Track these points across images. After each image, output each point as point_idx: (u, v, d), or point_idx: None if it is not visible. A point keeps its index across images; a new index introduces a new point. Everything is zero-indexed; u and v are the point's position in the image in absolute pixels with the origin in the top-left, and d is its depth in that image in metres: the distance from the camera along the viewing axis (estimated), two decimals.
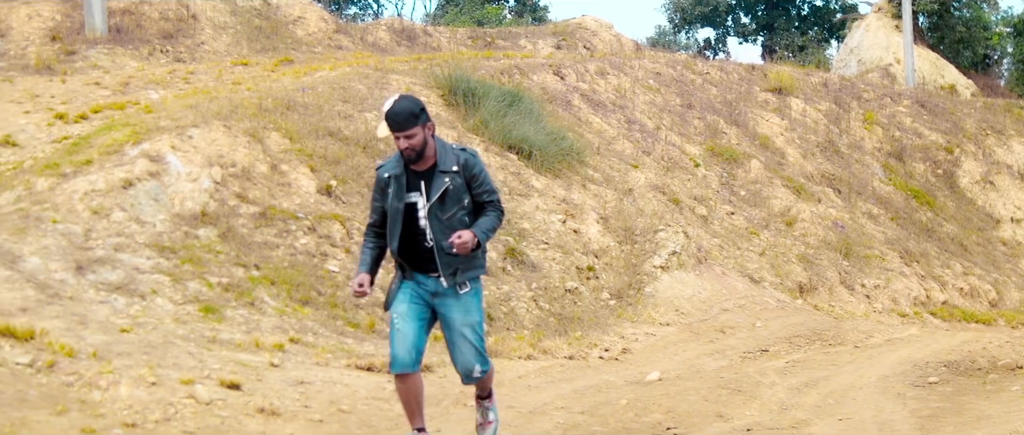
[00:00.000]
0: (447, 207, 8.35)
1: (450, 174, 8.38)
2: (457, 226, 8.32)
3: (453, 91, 20.43)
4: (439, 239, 8.32)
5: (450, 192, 8.36)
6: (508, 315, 15.00)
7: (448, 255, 8.29)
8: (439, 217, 8.33)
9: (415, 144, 8.25)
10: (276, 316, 12.52)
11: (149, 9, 27.10)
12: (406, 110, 8.25)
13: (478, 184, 8.47)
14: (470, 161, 8.48)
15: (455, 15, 52.49)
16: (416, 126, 8.25)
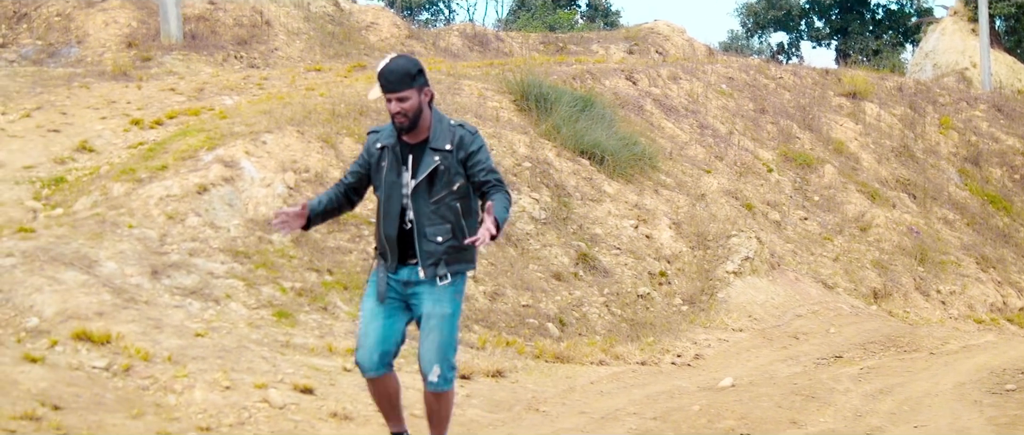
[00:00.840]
0: (436, 189, 7.55)
1: (442, 152, 7.56)
2: (445, 213, 7.56)
3: (525, 96, 20.43)
4: (422, 224, 7.54)
5: (440, 172, 7.55)
6: (580, 321, 14.97)
7: (430, 242, 7.53)
8: (425, 200, 7.54)
9: (407, 108, 7.48)
10: (349, 321, 12.56)
11: (224, 15, 27.29)
12: (401, 68, 7.50)
13: (476, 165, 7.59)
14: (467, 138, 7.65)
15: (527, 20, 52.52)
16: (411, 88, 7.50)
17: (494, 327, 13.72)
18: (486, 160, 7.64)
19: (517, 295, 14.65)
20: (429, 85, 7.64)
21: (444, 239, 7.58)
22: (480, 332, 13.44)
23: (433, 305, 7.60)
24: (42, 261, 11.58)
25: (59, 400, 8.90)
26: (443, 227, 7.59)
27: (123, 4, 26.60)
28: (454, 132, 7.65)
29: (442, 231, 7.59)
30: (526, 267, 15.53)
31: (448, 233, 7.59)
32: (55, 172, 15.56)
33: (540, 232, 16.52)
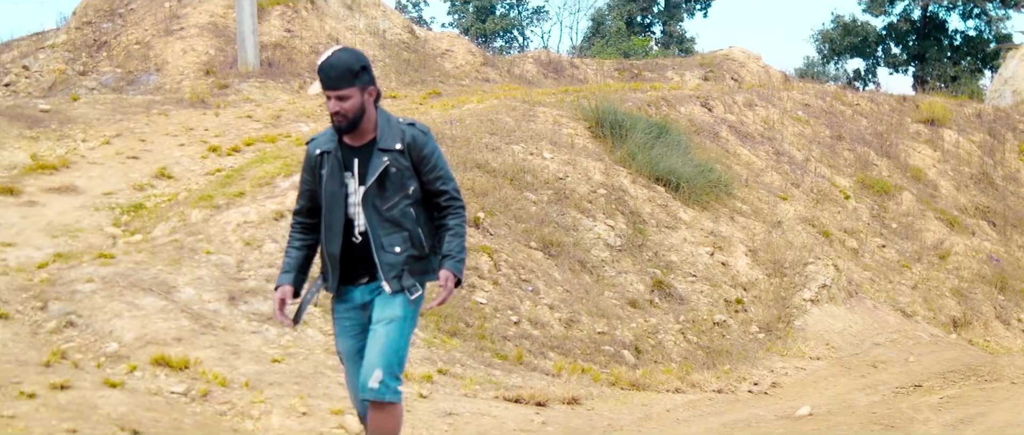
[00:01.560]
0: (388, 195, 6.90)
1: (392, 153, 6.90)
2: (399, 219, 6.90)
3: (600, 123, 20.42)
4: (378, 235, 6.89)
5: (392, 176, 6.90)
6: (656, 348, 14.90)
7: (388, 254, 6.88)
8: (377, 207, 6.89)
9: (347, 109, 6.80)
10: (424, 347, 12.56)
11: (300, 43, 27.50)
12: (342, 64, 6.79)
13: (432, 170, 6.99)
14: (418, 139, 6.97)
15: (601, 47, 52.59)
16: (351, 86, 6.80)
17: (569, 354, 13.68)
18: (443, 165, 7.08)
19: (593, 322, 14.61)
20: (375, 83, 6.95)
21: (402, 249, 6.93)
22: (556, 359, 13.41)
23: (382, 309, 6.92)
24: (121, 287, 11.67)
25: (138, 425, 8.95)
26: (399, 235, 6.93)
27: (201, 32, 26.88)
28: (404, 131, 6.97)
29: (399, 240, 6.93)
30: (601, 294, 15.49)
31: (405, 242, 6.95)
32: (134, 199, 15.71)
33: (615, 259, 16.47)
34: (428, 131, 7.08)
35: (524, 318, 13.98)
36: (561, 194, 17.34)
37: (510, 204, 16.46)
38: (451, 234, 7.03)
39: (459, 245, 7.02)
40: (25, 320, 11.05)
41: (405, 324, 6.93)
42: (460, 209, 7.10)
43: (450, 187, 7.07)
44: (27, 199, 15.28)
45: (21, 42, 29.24)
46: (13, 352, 10.25)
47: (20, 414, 8.67)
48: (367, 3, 31.22)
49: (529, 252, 15.58)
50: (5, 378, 9.43)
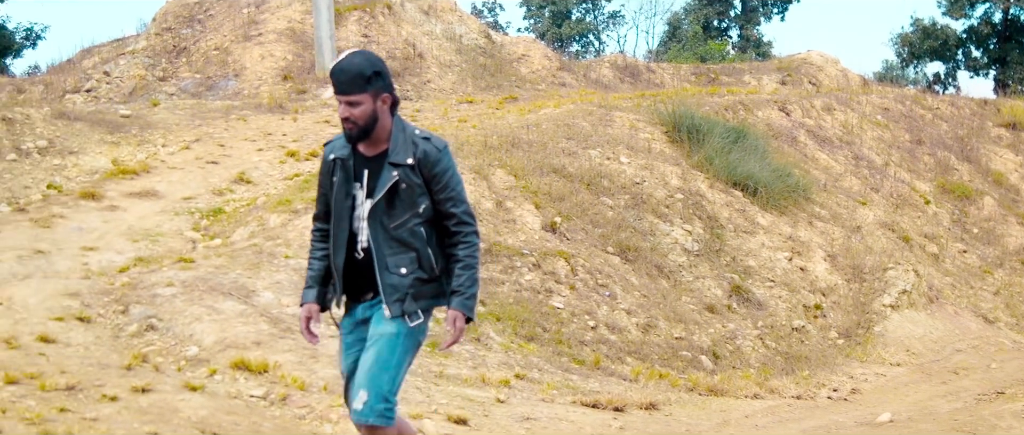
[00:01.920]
0: (396, 212, 6.39)
1: (402, 168, 6.38)
2: (408, 239, 6.40)
3: (677, 128, 20.36)
4: (382, 252, 6.39)
5: (401, 192, 6.39)
6: (734, 353, 14.82)
7: (393, 275, 6.37)
8: (384, 223, 6.40)
9: (357, 115, 6.33)
10: (502, 352, 12.56)
11: (377, 48, 27.59)
12: (354, 68, 6.32)
13: (443, 190, 6.45)
14: (431, 154, 6.42)
15: (678, 51, 52.41)
16: (363, 92, 6.33)
17: (647, 359, 13.64)
18: (455, 185, 6.51)
19: (670, 327, 14.55)
20: (390, 91, 6.43)
21: (408, 271, 6.40)
22: (633, 364, 13.37)
23: (376, 326, 6.42)
24: (201, 291, 11.75)
25: (218, 428, 9.00)
26: (406, 256, 6.41)
27: (279, 38, 27.06)
28: (417, 145, 6.43)
29: (405, 261, 6.40)
30: (679, 299, 15.43)
31: (413, 263, 6.42)
32: (213, 203, 15.82)
33: (693, 264, 16.40)
34: (444, 147, 6.52)
35: (601, 323, 13.95)
36: (638, 199, 17.29)
37: (587, 209, 16.44)
38: (461, 266, 6.47)
39: (469, 278, 6.47)
40: (107, 323, 11.16)
41: (397, 341, 6.35)
42: (471, 236, 6.53)
43: (460, 210, 6.50)
44: (108, 204, 15.43)
45: (102, 48, 29.58)
46: (95, 355, 10.35)
47: (102, 417, 8.74)
48: (443, 8, 31.29)
49: (606, 257, 15.55)
50: (88, 381, 9.51)
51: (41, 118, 19.13)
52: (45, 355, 10.12)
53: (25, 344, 10.29)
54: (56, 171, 17.07)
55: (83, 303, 11.53)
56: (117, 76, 25.76)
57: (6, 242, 13.31)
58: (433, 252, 6.49)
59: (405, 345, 6.39)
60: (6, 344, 10.14)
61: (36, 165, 17.27)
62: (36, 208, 15.06)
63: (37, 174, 16.84)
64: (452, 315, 6.41)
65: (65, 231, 14.19)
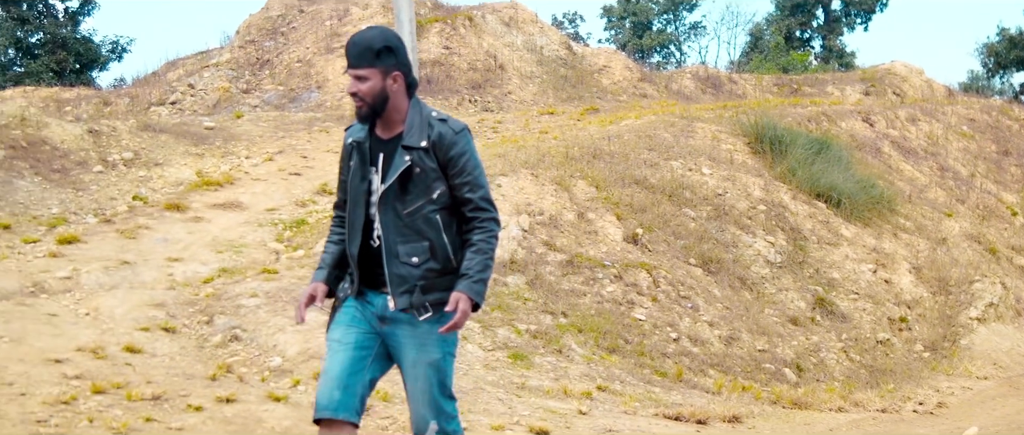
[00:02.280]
0: (410, 197, 5.97)
1: (416, 151, 5.98)
2: (421, 226, 5.97)
3: (759, 139, 20.26)
4: (392, 240, 5.98)
5: (416, 176, 5.97)
6: (818, 366, 14.70)
7: (404, 265, 5.94)
8: (397, 210, 5.99)
9: (364, 91, 5.95)
10: (584, 363, 12.53)
11: (458, 60, 27.68)
12: (364, 41, 5.97)
13: (459, 174, 6.02)
14: (447, 137, 6.02)
15: (760, 62, 52.18)
16: (371, 67, 5.95)
17: (730, 372, 13.56)
18: (472, 170, 6.06)
19: (753, 339, 14.46)
20: (402, 70, 6.03)
21: (420, 260, 5.97)
22: (716, 376, 13.30)
23: (418, 352, 6.00)
24: (285, 302, 11.82)
25: None
26: (419, 245, 5.99)
27: None
28: (433, 126, 6.03)
29: (418, 250, 5.98)
30: (762, 311, 15.33)
31: (425, 253, 5.99)
32: (296, 214, 15.91)
33: (776, 276, 16.30)
34: (463, 129, 6.10)
35: (684, 335, 13.89)
36: (720, 210, 17.22)
37: (669, 220, 16.38)
38: (473, 251, 5.99)
39: (481, 263, 5.98)
40: (192, 334, 11.25)
41: (446, 363, 6.02)
42: (488, 222, 6.06)
43: (477, 196, 6.03)
44: (193, 215, 15.56)
45: (186, 61, 29.89)
46: (181, 365, 10.44)
47: (187, 426, 8.81)
48: (524, 20, 31.33)
49: (688, 269, 15.48)
50: (173, 391, 9.59)
51: (127, 130, 19.34)
52: (131, 365, 10.22)
53: (112, 354, 10.39)
54: (142, 183, 17.24)
55: (168, 314, 11.63)
56: (201, 88, 26.01)
57: (93, 253, 13.46)
58: (450, 242, 6.04)
59: (451, 362, 6.09)
60: (93, 354, 10.25)
61: (122, 177, 17.46)
62: (122, 219, 15.22)
63: (123, 186, 17.01)
64: (456, 297, 5.83)
65: (150, 242, 14.33)
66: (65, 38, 45.34)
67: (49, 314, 11.24)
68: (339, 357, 6.01)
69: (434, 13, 30.52)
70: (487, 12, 30.82)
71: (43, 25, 45.92)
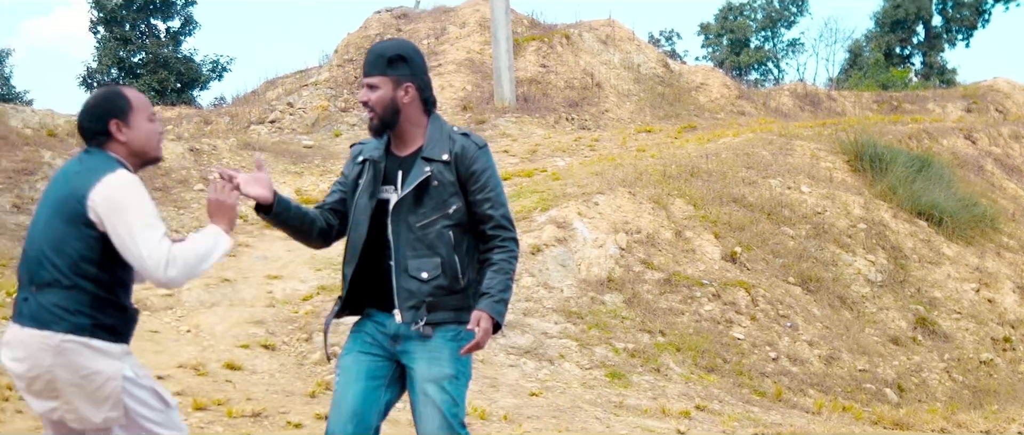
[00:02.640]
0: (424, 211, 5.72)
1: (436, 163, 5.73)
2: (434, 242, 5.72)
3: (859, 156, 20.08)
4: (402, 254, 5.73)
5: (431, 189, 5.71)
6: (919, 387, 14.52)
7: (412, 279, 5.69)
8: (409, 223, 5.74)
9: (374, 100, 5.73)
10: (682, 383, 12.47)
11: (555, 78, 27.71)
12: (378, 49, 5.80)
13: (481, 190, 5.77)
14: (469, 151, 5.78)
15: (859, 79, 51.74)
16: (382, 75, 5.75)
17: (830, 391, 13.42)
18: (494, 187, 5.81)
19: (853, 359, 14.31)
20: (416, 82, 5.81)
21: (430, 276, 5.72)
22: (816, 396, 13.17)
23: (428, 367, 5.73)
24: None
25: None
26: (430, 260, 5.73)
27: (458, 68, 27.32)
28: (454, 141, 5.81)
29: (429, 266, 5.72)
30: (862, 331, 15.17)
31: (436, 269, 5.72)
32: None
33: (876, 295, 16.13)
34: (484, 145, 5.89)
35: (783, 354, 13.77)
36: (819, 228, 17.07)
37: (767, 239, 16.27)
38: (494, 270, 5.75)
39: (502, 283, 5.72)
40: (291, 351, 11.33)
41: (460, 382, 5.73)
42: (509, 242, 5.82)
43: (498, 214, 5.78)
44: None
45: (285, 80, 30.18)
46: (280, 383, 10.51)
47: None
48: (621, 38, 31.32)
49: (787, 287, 15.36)
50: (273, 408, 9.66)
51: (227, 149, 19.56)
52: (232, 382, 10.31)
53: (213, 371, 10.50)
54: (241, 201, 17.42)
55: (268, 331, 11.73)
56: (300, 107, 26.21)
57: None
58: (461, 260, 5.78)
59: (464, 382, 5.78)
60: (194, 371, 10.36)
61: None
62: None
63: None
64: (477, 315, 5.57)
65: (250, 260, 14.46)
66: (167, 58, 45.98)
67: (151, 331, 11.38)
68: (351, 389, 5.80)
69: (531, 32, 30.59)
70: (584, 30, 30.84)
71: (145, 45, 46.58)
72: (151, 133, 5.45)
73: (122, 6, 47.02)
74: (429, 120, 5.85)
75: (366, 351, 5.83)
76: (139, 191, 5.22)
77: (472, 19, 30.57)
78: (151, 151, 5.49)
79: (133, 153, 5.43)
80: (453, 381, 5.67)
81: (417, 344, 5.68)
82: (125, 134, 5.39)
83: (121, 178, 5.25)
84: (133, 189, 5.22)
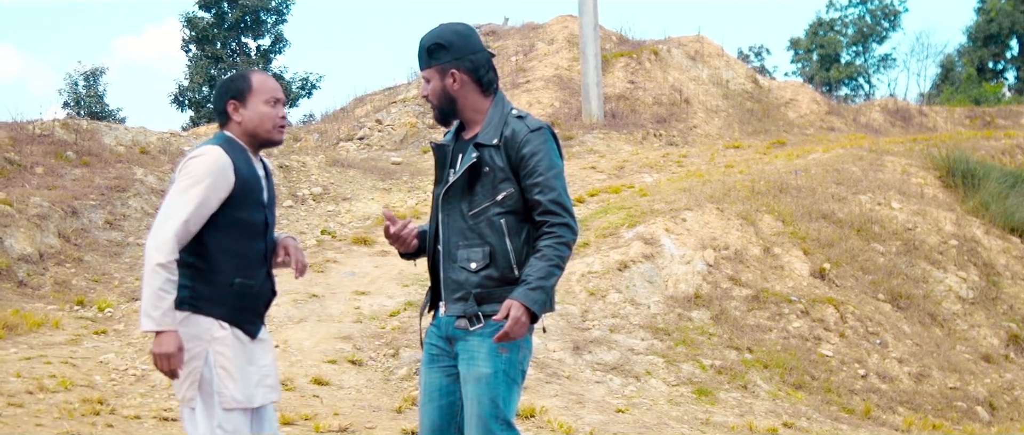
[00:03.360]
0: (476, 199, 5.48)
1: (487, 148, 5.48)
2: (484, 231, 5.46)
3: (951, 172, 19.87)
4: (452, 242, 5.53)
5: (483, 175, 5.47)
6: (1012, 405, 14.32)
7: (461, 269, 5.48)
8: (462, 210, 5.51)
9: (429, 93, 5.66)
10: (769, 400, 12.39)
11: (643, 94, 27.67)
12: (422, 41, 5.66)
13: (528, 172, 5.45)
14: (520, 134, 5.49)
15: (951, 94, 51.19)
16: (429, 67, 5.62)
17: (920, 409, 13.28)
18: (545, 171, 5.47)
19: (944, 377, 14.15)
20: (462, 66, 5.59)
21: (479, 266, 5.47)
22: (905, 414, 13.04)
23: (467, 367, 5.49)
24: None
25: None
26: (480, 250, 5.47)
27: (546, 85, 27.36)
28: (507, 124, 5.53)
29: (478, 255, 5.47)
30: (953, 348, 15.00)
31: (485, 258, 5.47)
32: None
33: (968, 312, 15.94)
34: (540, 128, 5.57)
35: (872, 371, 13.65)
36: (910, 245, 16.91)
37: (857, 255, 16.14)
38: (537, 256, 5.40)
39: (543, 270, 5.37)
40: (378, 367, 11.40)
41: (498, 379, 5.44)
42: (558, 227, 5.45)
43: (547, 198, 5.44)
44: (379, 249, 15.78)
45: (374, 97, 30.34)
46: (367, 398, 10.57)
47: None
48: (710, 53, 31.22)
49: (877, 304, 15.22)
50: (359, 423, 9.72)
51: (316, 165, 19.71)
52: (319, 397, 10.39)
53: (301, 386, 10.58)
54: (330, 217, 17.55)
55: (355, 346, 11.81)
56: (388, 124, 26.36)
57: (283, 286, 13.67)
58: (514, 249, 5.48)
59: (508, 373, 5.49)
60: (283, 386, 10.44)
61: (311, 211, 17.80)
62: (311, 253, 15.49)
63: (312, 220, 17.34)
64: (507, 304, 5.30)
65: (338, 276, 14.56)
66: None
67: None
68: (428, 408, 5.69)
69: (620, 48, 30.57)
70: (673, 46, 30.78)
71: (236, 63, 47.08)
72: (265, 116, 5.58)
73: (214, 25, 47.63)
74: (491, 102, 5.66)
75: (434, 363, 5.68)
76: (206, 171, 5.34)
77: (560, 36, 30.62)
78: (263, 133, 5.61)
79: (248, 133, 5.59)
80: (491, 380, 5.43)
81: (463, 343, 5.49)
82: (240, 114, 5.57)
83: (204, 152, 5.41)
84: (202, 166, 5.35)
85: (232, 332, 5.40)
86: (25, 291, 13.31)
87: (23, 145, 17.35)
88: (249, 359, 5.46)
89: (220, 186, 5.35)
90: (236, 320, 5.42)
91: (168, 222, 5.24)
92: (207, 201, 5.31)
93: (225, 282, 5.39)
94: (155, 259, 5.19)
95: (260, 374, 5.51)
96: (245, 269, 5.47)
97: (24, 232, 14.28)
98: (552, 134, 5.62)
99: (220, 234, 5.37)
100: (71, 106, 46.25)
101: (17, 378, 9.83)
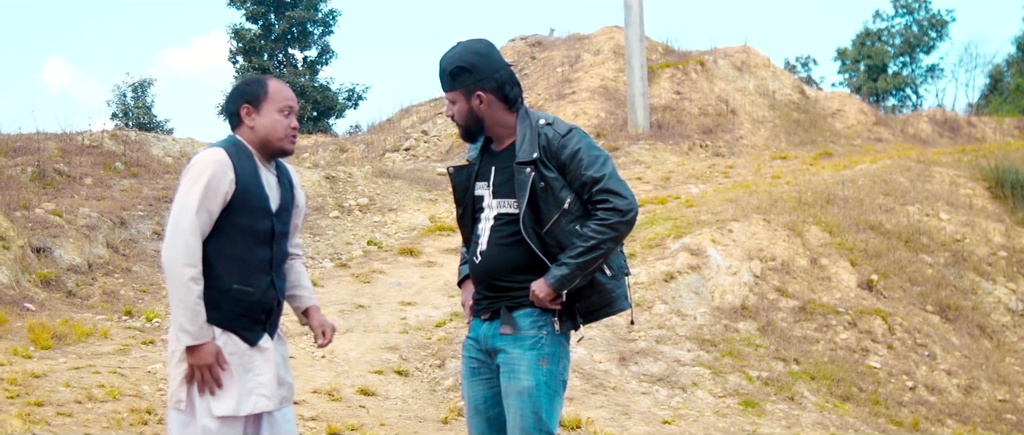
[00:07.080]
0: (544, 217, 5.49)
1: (532, 164, 5.49)
2: (562, 241, 5.46)
3: (1000, 183, 19.74)
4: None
5: (540, 191, 5.47)
6: None
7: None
8: (538, 233, 5.49)
9: (454, 114, 5.72)
10: (816, 412, 12.33)
11: (689, 105, 27.63)
12: (442, 64, 5.68)
13: (575, 173, 5.47)
14: (554, 140, 5.52)
15: (999, 104, 50.87)
16: (452, 90, 5.64)
17: (969, 422, 13.18)
18: (589, 165, 5.48)
19: (993, 389, 14.04)
20: (486, 86, 5.63)
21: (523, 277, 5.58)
22: (954, 426, 12.94)
23: (508, 380, 5.51)
24: None
25: None
26: None
27: (592, 96, 27.36)
28: (540, 135, 5.55)
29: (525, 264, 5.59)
30: (1002, 360, 14.88)
31: None
32: None
33: (1018, 324, 15.82)
34: (569, 130, 5.59)
35: (920, 384, 13.56)
36: (958, 256, 16.80)
37: (905, 267, 16.04)
38: (579, 238, 5.46)
39: (578, 249, 5.40)
40: (424, 377, 11.40)
41: (540, 392, 5.44)
42: (603, 211, 5.46)
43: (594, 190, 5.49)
44: (425, 259, 15.80)
45: (420, 108, 30.43)
46: (413, 408, 10.58)
47: None
48: (757, 64, 31.15)
49: (925, 316, 15.13)
50: (405, 433, 9.73)
51: (362, 176, 19.76)
52: (365, 407, 10.40)
53: (347, 396, 10.59)
54: (376, 228, 17.58)
55: (401, 357, 11.82)
56: (434, 135, 26.42)
57: (329, 296, 13.75)
58: None
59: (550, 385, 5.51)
60: (329, 396, 10.47)
61: (357, 222, 17.83)
62: (357, 264, 15.53)
63: (358, 231, 17.38)
64: (534, 285, 5.45)
65: (384, 286, 14.59)
66: (304, 87, 46.59)
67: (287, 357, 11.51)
68: (473, 422, 5.80)
69: (665, 58, 30.54)
70: (719, 57, 30.73)
71: (283, 74, 47.26)
72: (278, 124, 5.53)
73: (260, 36, 47.82)
74: (518, 117, 5.69)
75: (475, 376, 5.76)
76: (204, 167, 5.33)
77: (606, 46, 30.62)
78: (274, 142, 5.55)
79: (259, 139, 5.54)
80: (533, 392, 5.45)
81: (504, 356, 5.53)
82: (253, 120, 5.52)
83: (206, 153, 5.39)
84: (205, 166, 5.33)
85: (228, 338, 5.38)
86: (74, 301, 13.38)
87: (72, 156, 17.47)
88: (245, 367, 5.43)
89: (220, 180, 5.31)
90: (232, 326, 5.41)
91: (180, 225, 5.23)
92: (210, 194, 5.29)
93: (222, 288, 5.37)
94: (186, 274, 5.17)
95: (256, 382, 5.46)
96: (244, 276, 5.44)
97: (73, 243, 14.37)
98: (580, 130, 5.65)
99: (220, 239, 5.35)
100: (119, 117, 46.52)
101: (66, 388, 9.88)
